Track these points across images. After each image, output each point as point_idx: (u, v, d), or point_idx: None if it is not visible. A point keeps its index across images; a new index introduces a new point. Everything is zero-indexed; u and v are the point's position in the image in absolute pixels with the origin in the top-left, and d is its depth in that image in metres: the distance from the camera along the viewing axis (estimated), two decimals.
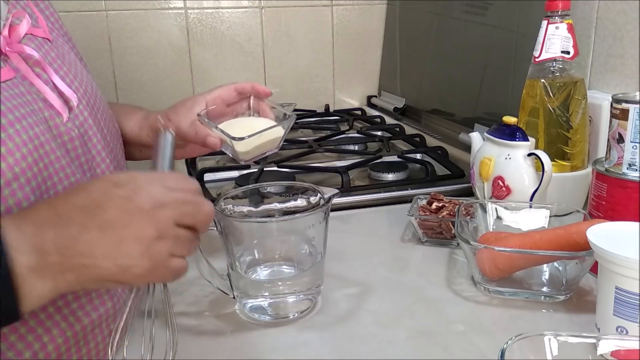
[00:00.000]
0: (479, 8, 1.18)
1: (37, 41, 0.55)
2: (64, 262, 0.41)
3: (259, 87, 0.74)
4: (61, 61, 0.57)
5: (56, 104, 0.52)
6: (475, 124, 1.14)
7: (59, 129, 0.51)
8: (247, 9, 1.50)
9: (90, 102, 0.58)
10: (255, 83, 0.74)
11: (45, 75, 0.52)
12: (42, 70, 0.52)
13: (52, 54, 0.56)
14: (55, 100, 0.52)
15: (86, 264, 0.42)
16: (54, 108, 0.51)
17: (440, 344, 0.56)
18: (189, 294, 0.67)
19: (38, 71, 0.52)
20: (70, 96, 0.54)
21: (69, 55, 0.60)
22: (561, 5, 0.82)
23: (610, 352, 0.45)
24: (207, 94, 0.72)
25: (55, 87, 0.53)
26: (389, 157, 1.11)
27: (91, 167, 0.56)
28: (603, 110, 0.87)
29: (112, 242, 0.43)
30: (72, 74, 0.57)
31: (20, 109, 0.47)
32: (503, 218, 0.74)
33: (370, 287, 0.68)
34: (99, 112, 0.60)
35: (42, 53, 0.54)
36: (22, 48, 0.51)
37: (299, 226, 0.61)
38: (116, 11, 1.42)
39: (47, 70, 0.53)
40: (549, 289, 0.66)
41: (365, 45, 1.62)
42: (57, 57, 0.57)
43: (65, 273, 0.42)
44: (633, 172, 0.63)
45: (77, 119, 0.54)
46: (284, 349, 0.57)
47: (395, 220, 0.87)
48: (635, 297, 0.50)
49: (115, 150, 0.62)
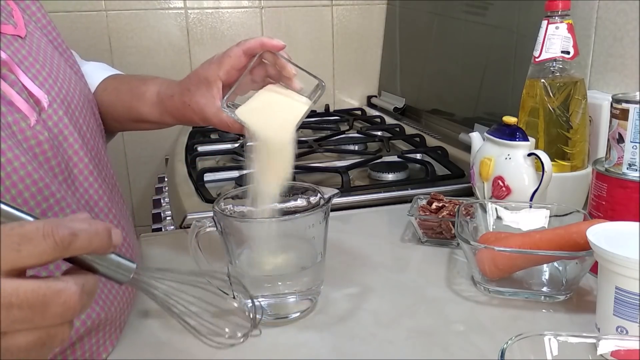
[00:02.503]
0: (479, 8, 1.18)
1: (5, 39, 0.52)
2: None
3: (268, 42, 0.65)
4: (33, 59, 0.54)
5: (23, 107, 0.49)
6: (475, 124, 1.14)
7: (25, 133, 0.49)
8: (247, 9, 1.50)
9: (67, 100, 0.56)
10: (264, 38, 0.66)
11: (13, 76, 0.50)
12: (10, 71, 0.50)
13: (23, 52, 0.53)
14: (23, 103, 0.49)
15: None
16: (20, 111, 0.49)
17: (440, 344, 0.56)
18: (188, 294, 0.67)
19: (5, 72, 0.50)
20: (40, 97, 0.52)
21: (45, 51, 0.58)
22: (561, 5, 0.82)
23: (610, 352, 0.45)
24: (217, 69, 0.66)
25: (25, 88, 0.51)
26: (389, 157, 1.12)
27: (67, 168, 0.54)
28: (603, 110, 0.87)
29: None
30: (46, 72, 0.55)
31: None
32: (503, 218, 0.74)
33: (370, 287, 0.68)
34: (77, 109, 0.58)
35: (11, 52, 0.52)
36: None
37: (299, 226, 0.61)
38: (116, 11, 1.42)
39: (14, 71, 0.50)
40: (549, 289, 0.66)
41: (365, 45, 1.62)
42: (29, 54, 0.54)
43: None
44: (633, 172, 0.63)
45: (51, 119, 0.52)
46: (284, 349, 0.57)
47: (395, 220, 0.87)
48: (635, 297, 0.50)
49: (97, 147, 0.60)
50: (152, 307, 0.65)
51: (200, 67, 0.69)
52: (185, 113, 0.69)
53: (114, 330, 0.56)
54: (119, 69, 0.86)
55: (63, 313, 0.34)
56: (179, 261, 0.75)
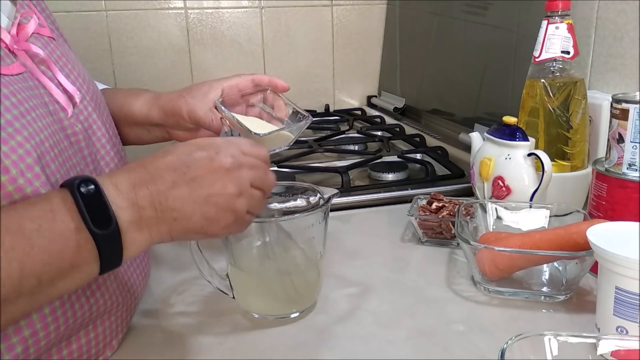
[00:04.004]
0: (479, 8, 1.18)
1: (43, 40, 0.56)
2: (157, 216, 0.46)
3: (277, 81, 0.74)
4: (65, 59, 0.58)
5: (61, 99, 0.54)
6: (475, 124, 1.14)
7: (63, 122, 0.53)
8: (247, 9, 1.50)
9: (94, 98, 0.60)
10: (273, 77, 0.75)
11: (50, 73, 0.54)
12: (47, 68, 0.54)
13: (57, 52, 0.58)
14: (60, 96, 0.54)
15: (177, 217, 0.47)
16: (59, 103, 0.53)
17: (440, 344, 0.56)
18: (188, 294, 0.67)
19: (43, 69, 0.54)
20: (73, 93, 0.56)
21: (70, 54, 0.62)
22: (561, 5, 0.82)
23: (610, 352, 0.45)
24: (224, 80, 0.73)
25: (60, 84, 0.55)
26: (389, 157, 1.11)
27: (95, 160, 0.57)
28: (603, 110, 0.87)
29: (200, 198, 0.48)
30: (76, 72, 0.59)
31: (29, 101, 0.49)
32: (503, 218, 0.74)
33: (370, 287, 0.68)
34: (101, 106, 0.62)
35: (48, 51, 0.56)
36: (29, 46, 0.53)
37: (298, 226, 0.61)
38: (116, 11, 1.42)
39: (52, 68, 0.54)
40: (549, 289, 0.66)
41: (365, 45, 1.62)
42: (62, 55, 0.58)
43: (158, 226, 0.47)
44: (633, 172, 0.63)
45: (82, 114, 0.56)
46: (284, 349, 0.57)
47: (395, 220, 0.87)
48: (635, 297, 0.50)
49: (118, 144, 0.64)
50: (153, 307, 0.65)
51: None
52: (175, 105, 0.73)
53: (119, 323, 0.56)
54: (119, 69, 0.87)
55: (270, 185, 0.54)
56: (180, 261, 0.75)
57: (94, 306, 0.51)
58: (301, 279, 0.62)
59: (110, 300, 0.54)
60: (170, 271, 0.73)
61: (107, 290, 0.53)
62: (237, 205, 0.50)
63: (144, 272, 0.62)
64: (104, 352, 0.54)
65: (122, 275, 0.56)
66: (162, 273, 0.72)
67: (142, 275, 0.61)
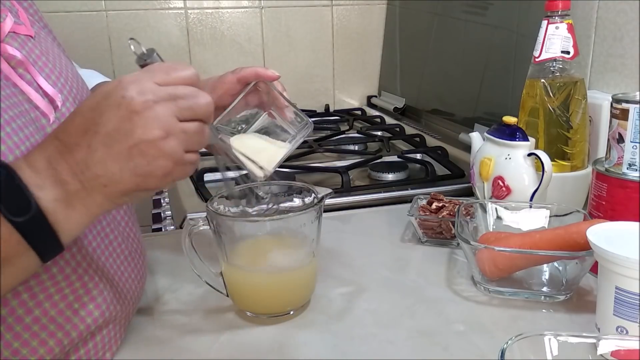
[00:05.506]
0: (479, 8, 1.18)
1: (19, 39, 0.52)
2: (84, 187, 0.42)
3: (263, 72, 0.67)
4: (45, 58, 0.55)
5: (41, 104, 0.51)
6: (475, 124, 1.14)
7: (46, 130, 0.50)
8: (247, 9, 1.50)
9: (77, 99, 0.56)
10: (259, 68, 0.67)
11: (29, 76, 0.51)
12: (26, 70, 0.51)
13: (36, 52, 0.54)
14: (40, 101, 0.51)
15: (105, 183, 0.43)
16: (39, 109, 0.50)
17: (440, 344, 0.56)
18: (183, 292, 0.67)
19: (21, 72, 0.50)
20: (54, 96, 0.52)
21: (53, 50, 0.58)
22: (561, 5, 0.82)
23: (610, 352, 0.45)
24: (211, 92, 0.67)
25: (40, 88, 0.51)
26: (389, 157, 1.12)
27: None
28: (603, 110, 0.87)
29: (122, 155, 0.43)
30: (57, 71, 0.55)
31: (9, 112, 0.46)
32: (503, 218, 0.74)
33: (371, 287, 0.68)
34: None
35: (26, 52, 0.52)
36: (5, 48, 0.49)
37: (291, 225, 0.61)
38: (116, 11, 1.42)
39: (30, 71, 0.51)
40: (549, 289, 0.66)
41: (365, 45, 1.62)
42: (41, 54, 0.55)
43: (91, 197, 0.43)
44: (633, 172, 0.63)
45: (64, 117, 0.53)
46: (283, 349, 0.57)
47: (395, 220, 0.87)
48: (635, 297, 0.50)
49: None
50: (147, 305, 0.65)
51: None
52: None
53: (118, 329, 0.56)
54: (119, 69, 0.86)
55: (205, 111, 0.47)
56: (179, 261, 0.75)
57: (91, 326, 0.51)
58: (294, 278, 0.62)
59: (108, 311, 0.53)
60: (164, 269, 0.73)
61: (103, 302, 0.52)
62: (167, 148, 0.43)
63: (139, 276, 0.60)
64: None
65: (117, 283, 0.55)
66: (156, 271, 0.72)
67: (137, 280, 0.59)
